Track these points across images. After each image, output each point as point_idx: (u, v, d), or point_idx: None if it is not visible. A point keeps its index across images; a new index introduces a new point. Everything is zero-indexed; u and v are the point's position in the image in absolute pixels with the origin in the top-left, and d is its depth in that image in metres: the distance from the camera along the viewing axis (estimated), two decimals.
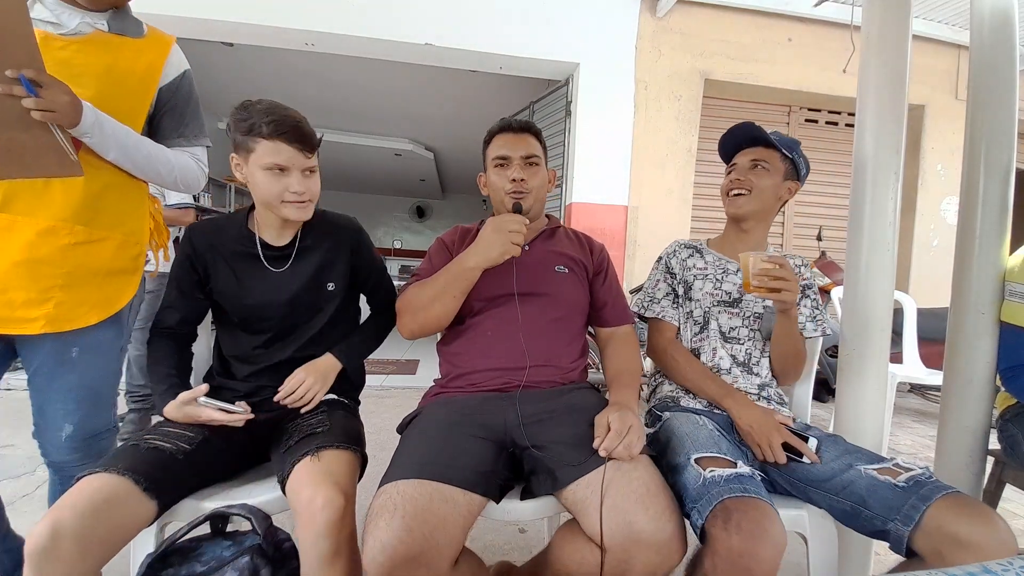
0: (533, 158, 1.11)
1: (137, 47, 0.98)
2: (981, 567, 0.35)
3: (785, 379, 1.17)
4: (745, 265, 1.00)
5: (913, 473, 0.83)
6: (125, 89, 0.97)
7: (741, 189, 1.14)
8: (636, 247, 3.46)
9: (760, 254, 1.00)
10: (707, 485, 0.80)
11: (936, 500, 0.77)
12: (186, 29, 3.11)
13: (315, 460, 0.86)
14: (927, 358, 2.71)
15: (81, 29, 0.93)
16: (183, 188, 1.08)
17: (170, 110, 1.05)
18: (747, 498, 0.76)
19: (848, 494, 0.85)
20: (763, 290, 0.98)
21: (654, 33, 3.44)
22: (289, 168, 0.95)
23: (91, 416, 1.00)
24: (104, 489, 0.76)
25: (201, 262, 1.03)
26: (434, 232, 10.10)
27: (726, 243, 1.24)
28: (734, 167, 1.19)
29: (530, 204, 1.10)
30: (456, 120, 5.70)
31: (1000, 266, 1.16)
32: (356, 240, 1.13)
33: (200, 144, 1.10)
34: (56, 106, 0.79)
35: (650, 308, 1.22)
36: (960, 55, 3.77)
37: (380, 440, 2.15)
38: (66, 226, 0.92)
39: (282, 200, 0.96)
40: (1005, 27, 1.16)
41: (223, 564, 0.79)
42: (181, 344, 1.09)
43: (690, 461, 0.86)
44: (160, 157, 1.01)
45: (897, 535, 0.78)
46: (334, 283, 1.09)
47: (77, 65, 0.91)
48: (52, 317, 0.92)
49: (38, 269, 0.90)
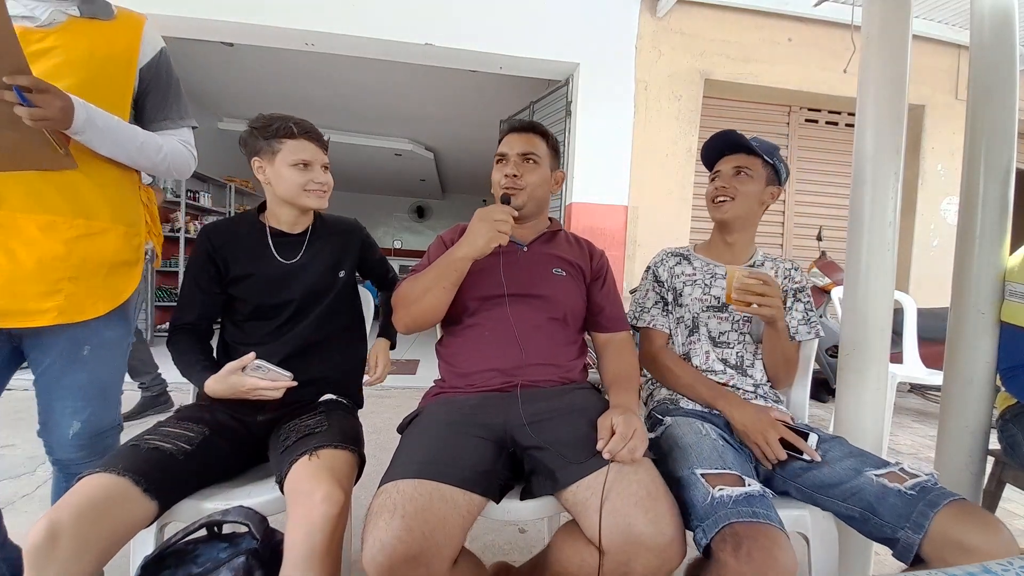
0: (531, 155, 1.11)
1: (111, 29, 0.98)
2: (981, 567, 0.35)
3: (777, 384, 1.18)
4: (730, 279, 1.02)
5: (919, 479, 0.83)
6: (107, 74, 0.97)
7: (725, 196, 1.16)
8: (636, 247, 3.46)
9: (744, 269, 1.03)
10: (715, 505, 0.78)
11: (943, 507, 0.77)
12: (186, 29, 3.11)
13: (313, 458, 0.86)
14: (927, 358, 2.71)
15: (55, 18, 0.93)
16: (175, 174, 1.09)
17: (152, 90, 1.05)
18: (757, 524, 0.74)
19: (857, 500, 0.85)
20: (742, 304, 1.01)
21: (654, 33, 3.44)
22: (312, 163, 1.08)
23: (99, 413, 1.01)
24: (103, 489, 0.76)
25: (220, 255, 1.09)
26: (434, 232, 10.10)
27: (713, 248, 1.26)
28: (718, 174, 1.20)
29: (523, 201, 1.10)
30: (456, 120, 5.70)
31: (1000, 266, 1.16)
32: (364, 235, 1.28)
33: (186, 125, 1.10)
34: (48, 114, 0.80)
35: (641, 317, 1.24)
36: (960, 55, 3.77)
37: (380, 440, 2.15)
38: (66, 220, 0.92)
39: (306, 189, 1.08)
40: (1005, 27, 1.16)
41: (219, 566, 0.79)
42: (202, 338, 1.12)
43: (697, 476, 0.85)
44: (151, 145, 1.01)
45: (907, 543, 0.78)
46: (344, 271, 1.19)
47: (57, 55, 0.91)
48: (63, 308, 0.92)
49: (46, 263, 0.91)
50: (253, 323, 1.11)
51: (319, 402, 1.09)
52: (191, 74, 4.69)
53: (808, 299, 1.20)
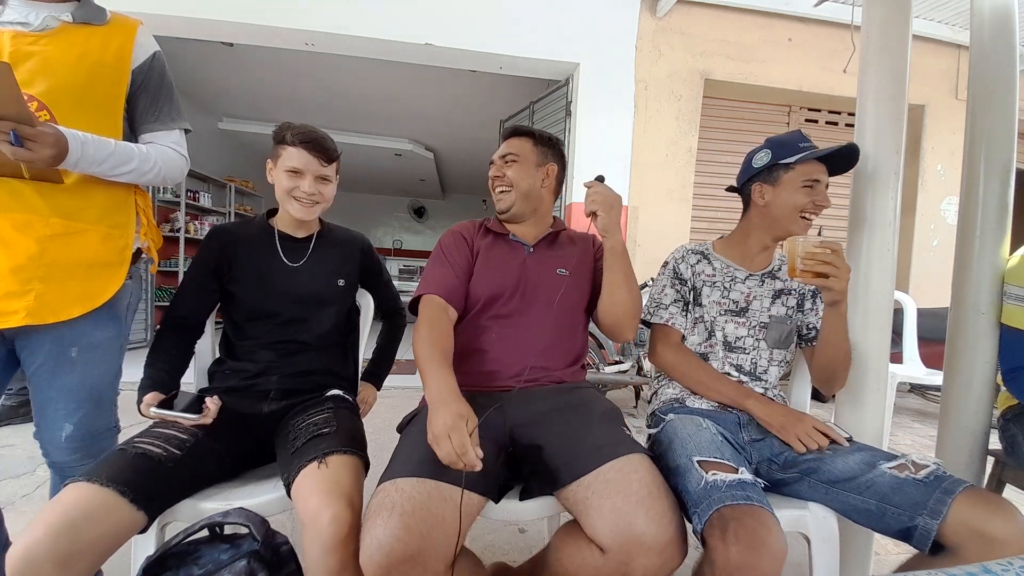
0: (509, 155, 1.15)
1: (104, 34, 0.98)
2: (981, 567, 0.35)
3: (832, 387, 1.11)
4: (792, 250, 0.95)
5: (931, 469, 0.85)
6: (99, 79, 0.97)
7: (822, 210, 1.09)
8: (636, 247, 3.46)
9: (809, 238, 0.95)
10: (708, 489, 0.79)
11: (959, 494, 0.79)
12: (186, 29, 3.11)
13: (323, 467, 0.85)
14: (927, 358, 2.71)
15: (48, 24, 0.93)
16: (169, 182, 1.09)
17: (144, 93, 1.04)
18: (744, 506, 0.75)
19: (873, 493, 0.86)
20: (810, 275, 0.93)
21: (654, 33, 3.44)
22: (303, 172, 1.09)
23: (91, 416, 1.00)
24: (82, 502, 0.74)
25: (225, 254, 1.11)
26: (434, 232, 10.09)
27: (735, 249, 1.20)
28: (816, 183, 1.08)
29: (511, 200, 1.14)
30: (456, 120, 5.70)
31: (1000, 266, 1.16)
32: (366, 250, 1.29)
33: (177, 128, 1.09)
34: (36, 158, 0.82)
35: (656, 314, 1.19)
36: (960, 55, 3.77)
37: (380, 440, 2.14)
38: (41, 219, 0.91)
39: (291, 195, 1.10)
40: (1005, 27, 1.16)
41: (220, 567, 0.79)
42: (187, 337, 1.13)
43: (692, 462, 0.86)
44: (146, 161, 1.01)
45: (925, 529, 0.79)
46: (344, 280, 1.20)
47: (49, 60, 0.91)
48: (32, 309, 0.90)
49: (16, 262, 0.90)
50: (253, 323, 1.12)
51: (326, 396, 1.10)
52: (191, 74, 4.69)
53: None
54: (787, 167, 1.09)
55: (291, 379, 1.10)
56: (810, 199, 1.08)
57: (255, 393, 1.07)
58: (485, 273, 1.09)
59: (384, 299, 1.35)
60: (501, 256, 1.12)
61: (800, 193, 1.08)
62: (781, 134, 1.14)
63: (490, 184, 1.18)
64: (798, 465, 0.97)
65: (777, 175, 1.11)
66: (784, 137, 1.13)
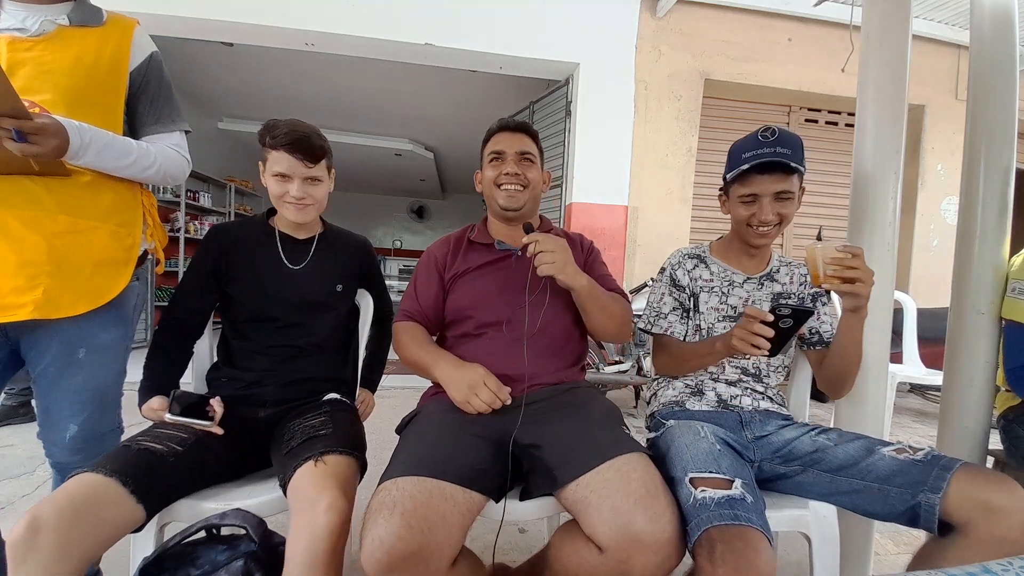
0: (528, 154, 1.13)
1: (101, 35, 0.98)
2: (981, 567, 0.35)
3: (840, 392, 1.09)
4: (812, 257, 0.92)
5: (926, 450, 0.88)
6: (97, 81, 0.97)
7: (768, 226, 1.05)
8: (636, 247, 3.46)
9: (830, 244, 0.91)
10: (697, 507, 0.78)
11: (957, 470, 0.81)
12: (186, 29, 3.11)
13: (319, 464, 0.86)
14: (927, 358, 2.71)
15: (44, 28, 0.93)
16: (170, 181, 1.09)
17: (143, 94, 1.04)
18: (733, 527, 0.74)
19: (875, 476, 0.87)
20: (837, 281, 0.90)
21: (654, 33, 3.44)
22: (290, 176, 1.06)
23: (96, 417, 1.01)
24: (87, 488, 0.77)
25: (224, 255, 1.10)
26: (434, 232, 10.09)
27: (731, 253, 1.17)
28: (755, 197, 1.03)
29: (525, 199, 1.12)
30: (456, 120, 5.70)
31: (1000, 266, 1.16)
32: (369, 255, 1.29)
33: (177, 129, 1.09)
34: (42, 151, 0.83)
35: (656, 323, 1.17)
36: (960, 55, 3.77)
37: (380, 440, 2.14)
38: (49, 216, 0.92)
39: (283, 201, 1.08)
40: (1005, 27, 1.16)
41: (217, 568, 0.79)
42: (186, 338, 1.13)
43: (685, 478, 0.85)
44: (146, 157, 1.01)
45: (929, 505, 0.80)
46: (343, 284, 1.19)
47: (46, 63, 0.92)
48: (40, 303, 0.91)
49: (24, 257, 0.90)
50: (251, 326, 1.11)
51: (323, 400, 1.09)
52: (191, 74, 4.69)
53: (828, 302, 1.16)
54: (731, 181, 1.08)
55: (288, 388, 1.09)
56: (750, 213, 1.05)
57: (252, 400, 1.06)
58: (474, 281, 1.10)
59: (377, 305, 1.33)
60: (487, 263, 1.13)
61: (741, 207, 1.06)
62: (742, 138, 1.08)
63: (495, 179, 1.12)
64: (800, 458, 0.98)
65: (730, 187, 1.09)
66: (739, 144, 1.07)
